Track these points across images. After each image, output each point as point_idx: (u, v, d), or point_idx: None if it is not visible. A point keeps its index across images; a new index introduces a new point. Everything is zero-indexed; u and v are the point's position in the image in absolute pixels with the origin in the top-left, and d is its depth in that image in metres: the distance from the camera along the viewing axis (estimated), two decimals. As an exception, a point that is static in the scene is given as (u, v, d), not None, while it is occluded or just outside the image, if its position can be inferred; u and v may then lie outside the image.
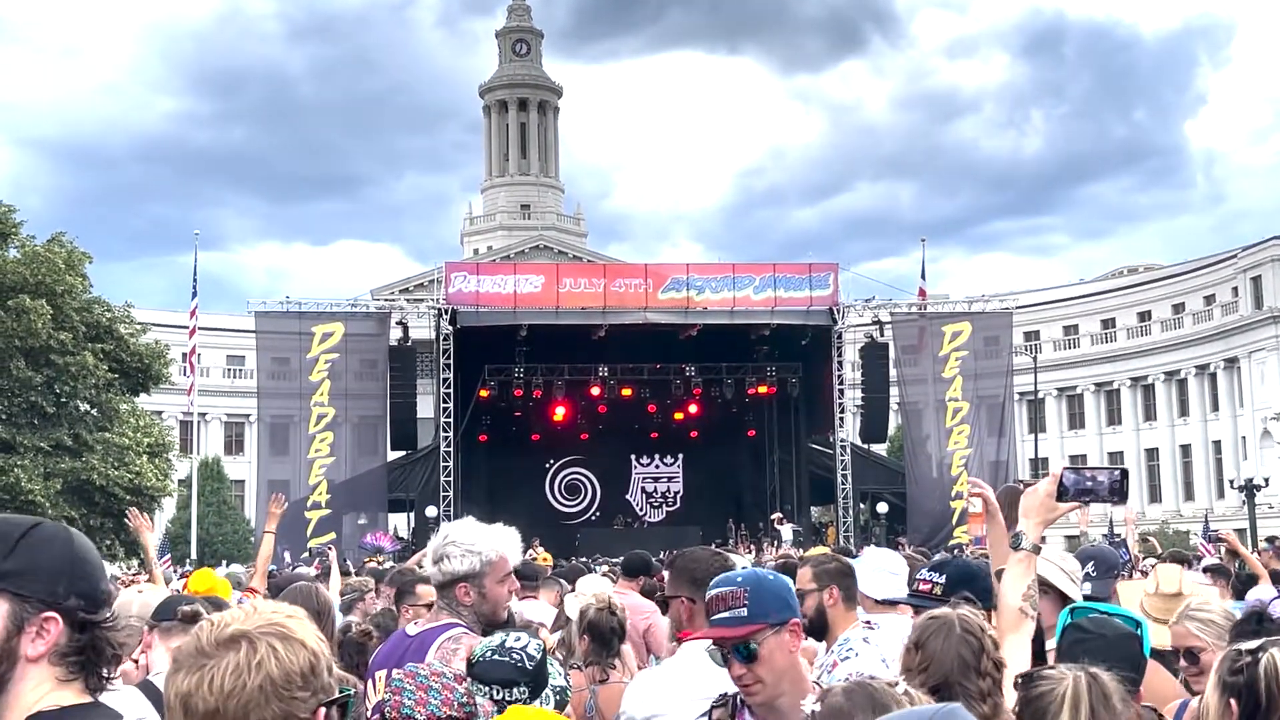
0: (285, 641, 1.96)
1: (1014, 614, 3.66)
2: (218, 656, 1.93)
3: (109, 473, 37.25)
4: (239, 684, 1.90)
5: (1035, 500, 3.73)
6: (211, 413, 72.06)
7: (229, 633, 1.96)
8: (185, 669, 1.93)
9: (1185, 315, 74.11)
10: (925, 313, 46.82)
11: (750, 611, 3.32)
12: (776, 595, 3.39)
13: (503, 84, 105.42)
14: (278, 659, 1.93)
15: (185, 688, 1.91)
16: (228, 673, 1.90)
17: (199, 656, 1.93)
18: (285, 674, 1.92)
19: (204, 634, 1.97)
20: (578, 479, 50.23)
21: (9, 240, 38.62)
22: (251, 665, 1.91)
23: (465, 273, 44.87)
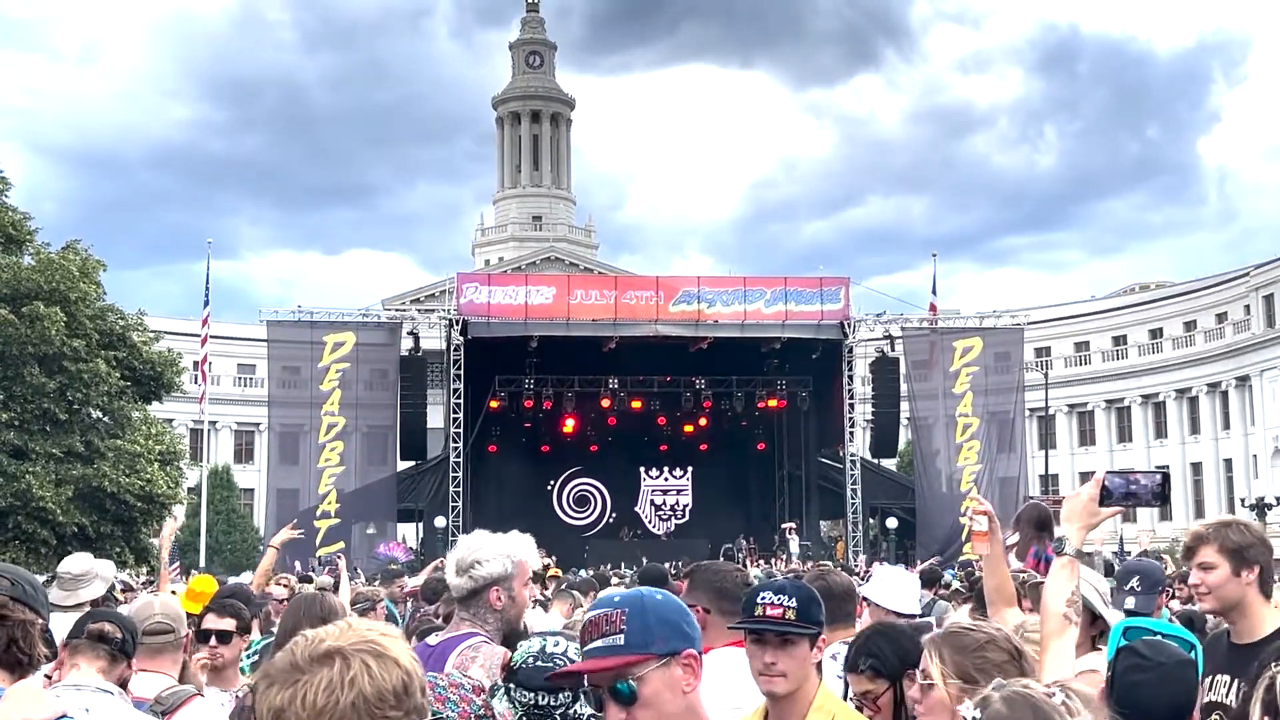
0: (379, 659, 1.93)
1: (1058, 620, 3.68)
2: (311, 672, 1.90)
3: (120, 480, 37.27)
4: (332, 700, 1.87)
5: (1078, 505, 3.78)
6: (222, 421, 72.20)
7: (323, 649, 1.93)
8: (279, 684, 1.91)
9: (1197, 333, 73.94)
10: (936, 328, 46.82)
11: (628, 640, 2.69)
12: (664, 620, 2.74)
13: (516, 96, 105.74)
14: (371, 676, 1.91)
15: (279, 702, 1.88)
16: (320, 689, 1.88)
17: (293, 671, 1.91)
18: (378, 692, 1.90)
19: (298, 649, 1.95)
20: (587, 490, 50.25)
21: (24, 247, 38.73)
22: (345, 682, 1.89)
23: (477, 283, 44.99)
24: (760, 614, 3.75)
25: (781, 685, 3.68)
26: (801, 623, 3.70)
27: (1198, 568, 4.59)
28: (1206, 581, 4.55)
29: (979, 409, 45.06)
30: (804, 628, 3.71)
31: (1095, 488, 3.74)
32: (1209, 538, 4.60)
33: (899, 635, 4.21)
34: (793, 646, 3.70)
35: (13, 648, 3.30)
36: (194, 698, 4.60)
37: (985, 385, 45.58)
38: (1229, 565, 4.49)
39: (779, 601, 3.74)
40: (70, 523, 36.29)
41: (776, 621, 3.72)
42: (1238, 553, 4.52)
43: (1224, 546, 4.53)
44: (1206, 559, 4.57)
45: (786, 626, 3.69)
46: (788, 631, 3.69)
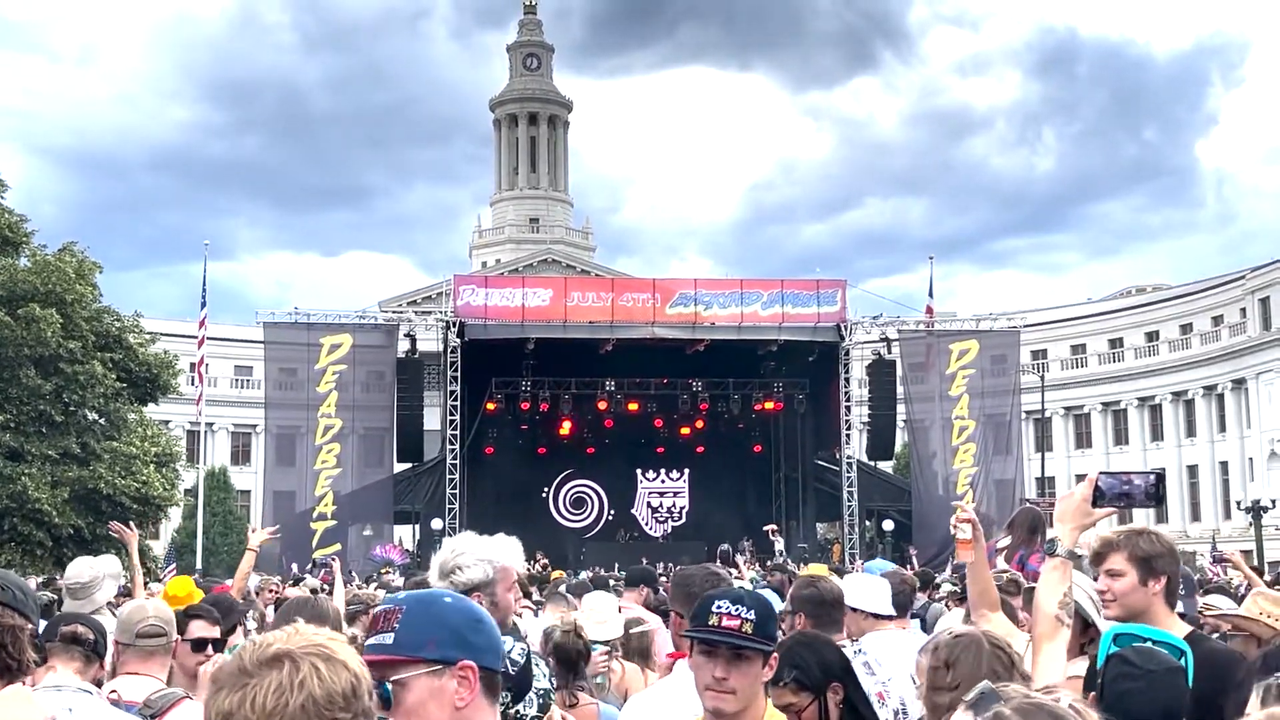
0: (328, 662, 1.93)
1: (1050, 622, 3.67)
2: (259, 675, 1.90)
3: (116, 482, 37.29)
4: (281, 702, 1.87)
5: (1071, 505, 3.77)
6: (218, 423, 72.14)
7: (271, 652, 1.94)
8: (227, 688, 1.91)
9: (1193, 336, 74.00)
10: (933, 330, 46.86)
11: (398, 640, 2.48)
12: (444, 624, 2.49)
13: (513, 98, 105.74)
14: (320, 679, 1.91)
15: (227, 706, 1.88)
16: (270, 691, 1.88)
17: (240, 675, 1.91)
18: (328, 694, 1.90)
19: (246, 653, 1.95)
20: (583, 492, 50.23)
21: (20, 249, 38.76)
22: (294, 684, 1.89)
23: (474, 285, 45.01)
24: (715, 624, 3.47)
25: (731, 704, 3.45)
26: (758, 638, 3.46)
27: (1105, 574, 4.52)
28: (1113, 589, 4.48)
29: (975, 411, 45.10)
30: (761, 643, 3.48)
31: (1088, 488, 3.73)
32: (1119, 545, 4.51)
33: (822, 646, 4.11)
34: (746, 663, 3.45)
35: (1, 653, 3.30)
36: (183, 700, 4.60)
37: (981, 388, 45.61)
38: (1136, 573, 4.43)
39: (736, 613, 3.47)
40: (66, 525, 36.30)
41: (732, 634, 3.45)
42: (1146, 561, 4.44)
43: (1133, 554, 4.46)
44: (1114, 566, 4.49)
45: (743, 640, 3.44)
46: (744, 646, 3.44)
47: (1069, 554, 3.74)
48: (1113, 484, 3.70)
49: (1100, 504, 3.73)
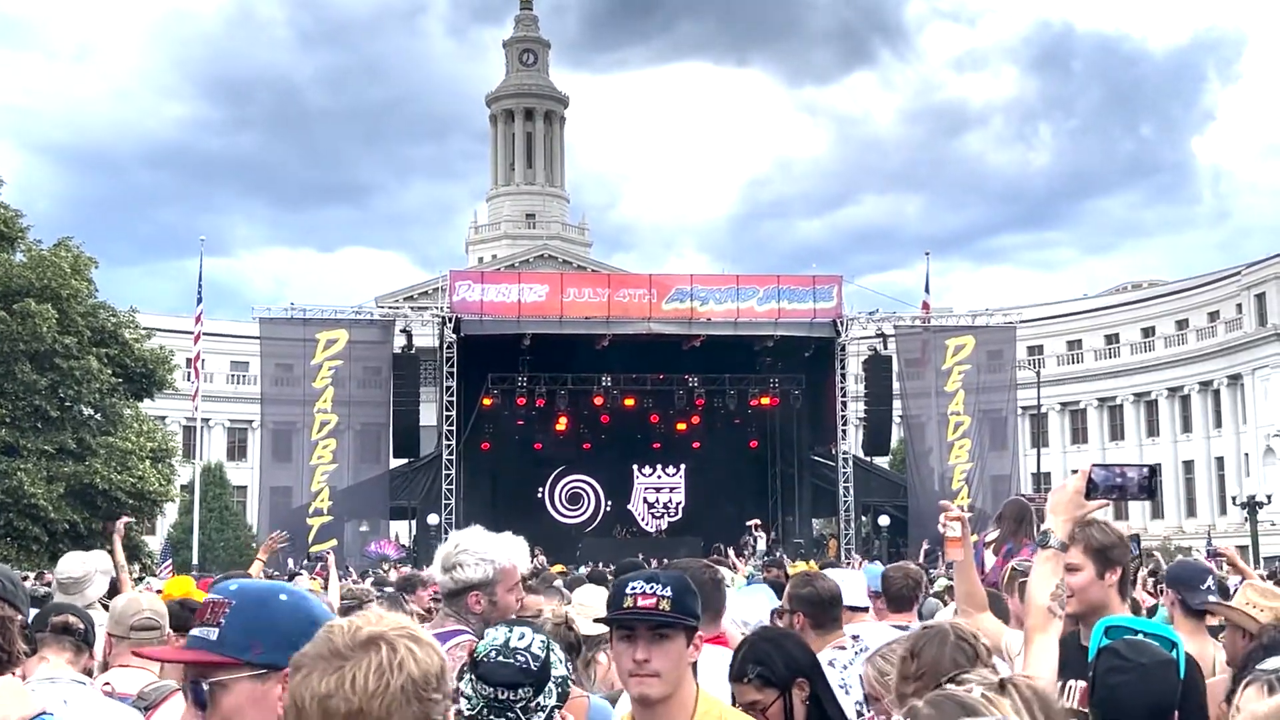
0: (419, 644, 1.93)
1: (1042, 613, 3.65)
2: (355, 657, 1.88)
3: (112, 477, 37.28)
4: (382, 683, 1.85)
5: (1064, 497, 3.73)
6: (215, 418, 72.09)
7: (365, 635, 1.91)
8: (320, 670, 1.88)
9: (1189, 331, 74.09)
10: (929, 326, 46.88)
11: (222, 637, 2.30)
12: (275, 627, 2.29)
13: (509, 93, 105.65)
14: (416, 660, 1.90)
15: (324, 689, 1.86)
16: (370, 672, 1.86)
17: (334, 658, 1.88)
18: (424, 675, 1.89)
19: (337, 637, 1.92)
20: (579, 488, 50.23)
21: (15, 245, 38.74)
22: (394, 665, 1.87)
23: (470, 281, 44.99)
24: (631, 605, 3.33)
25: (655, 687, 3.28)
26: (677, 614, 3.30)
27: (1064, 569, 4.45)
28: (1071, 584, 4.28)
29: (970, 407, 45.13)
30: (679, 619, 3.31)
31: (1082, 480, 3.69)
32: (1075, 538, 4.32)
33: (785, 641, 4.02)
34: (667, 642, 3.29)
35: None
36: (176, 693, 4.60)
37: (977, 383, 45.64)
38: (1094, 567, 4.31)
39: (651, 591, 3.32)
40: (62, 520, 36.29)
41: (649, 613, 3.30)
42: (1102, 553, 4.33)
43: (1089, 547, 4.33)
44: (1072, 560, 4.30)
45: (660, 617, 3.29)
46: (662, 622, 3.29)
47: (1061, 546, 3.73)
48: (1106, 476, 3.68)
49: (1094, 496, 3.70)
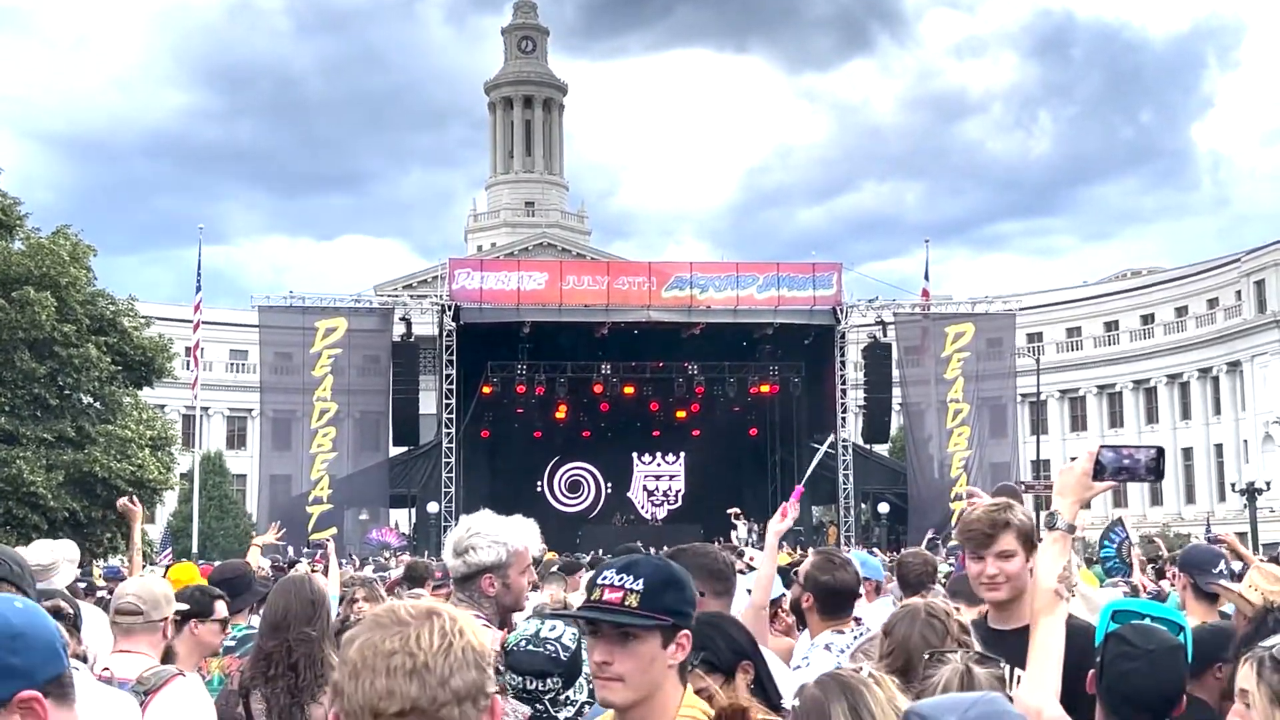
0: (470, 623, 1.98)
1: (1048, 595, 3.61)
2: (418, 622, 1.92)
3: (111, 465, 37.27)
4: (446, 643, 1.89)
5: (1071, 479, 3.66)
6: (214, 407, 72.02)
7: (425, 606, 1.98)
8: (384, 630, 1.92)
9: (1188, 318, 74.05)
10: (928, 313, 46.85)
11: None
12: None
13: (508, 81, 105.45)
14: (475, 631, 1.96)
15: (388, 647, 1.89)
16: (435, 633, 1.91)
17: (398, 624, 1.92)
18: (480, 647, 1.95)
19: (400, 608, 1.97)
20: (579, 476, 50.26)
21: (14, 233, 38.68)
22: (455, 630, 1.92)
23: (469, 269, 44.95)
24: (597, 598, 2.85)
25: (618, 693, 2.81)
26: (645, 611, 2.79)
27: (995, 557, 4.21)
28: (1006, 571, 4.18)
29: (970, 395, 45.13)
30: (648, 618, 2.79)
31: (1089, 461, 3.64)
32: (1011, 524, 4.23)
33: (728, 624, 3.84)
34: (635, 643, 2.79)
35: None
36: (175, 678, 4.59)
37: (977, 371, 45.63)
38: (1024, 553, 4.18)
39: (620, 583, 2.83)
40: (61, 508, 36.28)
41: (612, 609, 2.81)
42: (1029, 538, 4.22)
43: (1021, 532, 4.21)
44: (1006, 547, 4.20)
45: (624, 616, 2.79)
46: (625, 623, 2.80)
47: (1069, 528, 3.69)
48: (1114, 458, 3.63)
49: (1102, 478, 3.65)
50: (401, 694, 1.86)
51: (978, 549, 4.26)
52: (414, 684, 1.86)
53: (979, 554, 4.25)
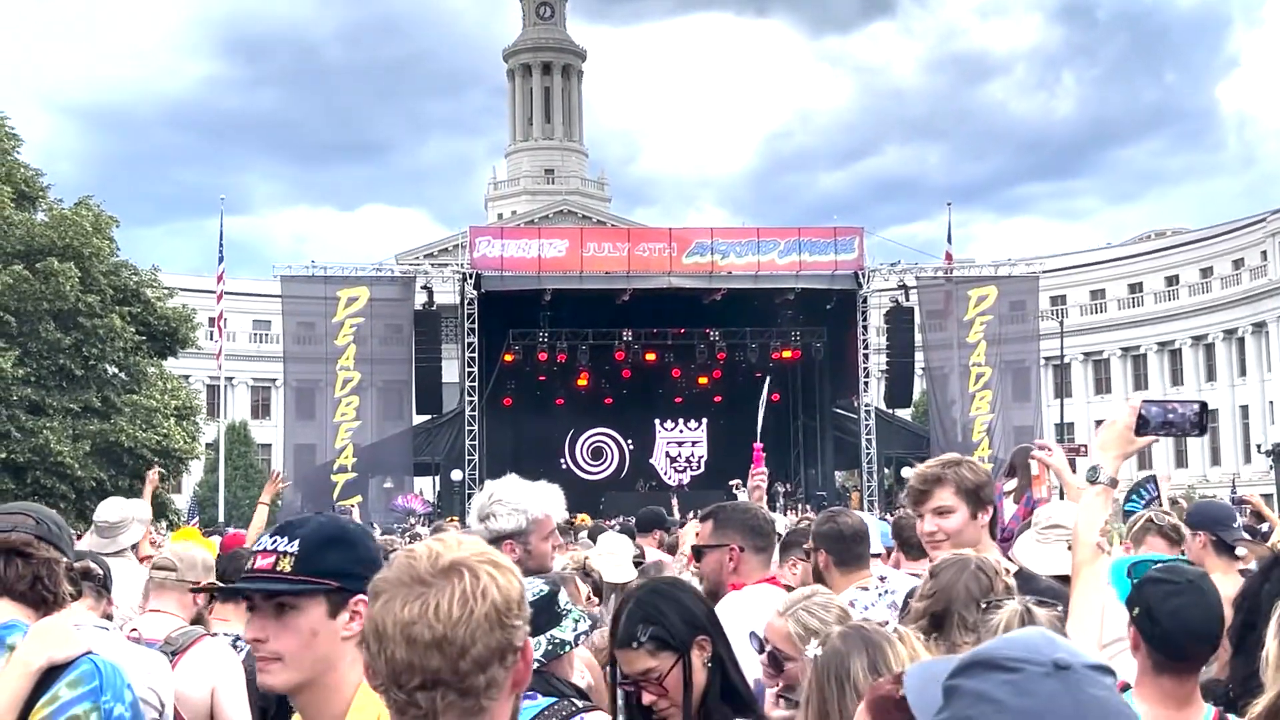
0: (500, 570, 1.91)
1: (1090, 548, 3.61)
2: (438, 584, 1.86)
3: (137, 435, 37.55)
4: (466, 611, 1.85)
5: (1114, 434, 3.65)
6: (238, 377, 72.49)
7: (446, 561, 1.89)
8: (401, 597, 1.86)
9: (1213, 279, 73.61)
10: (951, 277, 46.62)
11: None
12: None
13: (526, 47, 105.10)
14: (499, 587, 1.88)
15: (407, 616, 1.84)
16: (454, 600, 1.85)
17: (415, 585, 1.86)
18: (506, 601, 1.88)
19: (418, 563, 1.89)
20: (602, 443, 50.35)
21: (36, 204, 38.86)
22: (477, 593, 1.86)
23: (489, 237, 44.94)
24: (250, 567, 2.46)
25: (277, 675, 2.42)
26: (301, 576, 2.40)
27: (933, 513, 4.20)
28: (944, 528, 4.16)
29: (992, 358, 44.95)
30: (303, 583, 2.40)
31: (1132, 416, 3.63)
32: (945, 479, 4.20)
33: (679, 593, 3.47)
34: (293, 614, 2.40)
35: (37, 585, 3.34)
36: (203, 638, 4.65)
37: (1000, 334, 45.45)
38: (967, 508, 4.17)
39: (274, 546, 2.44)
40: (88, 477, 36.59)
41: (260, 576, 2.41)
42: (974, 494, 4.19)
43: (961, 488, 4.18)
44: (944, 502, 4.18)
45: (274, 583, 2.41)
46: (277, 591, 2.41)
47: (1111, 482, 3.69)
48: (1157, 413, 3.61)
49: (1145, 433, 3.64)
50: (422, 666, 1.84)
51: (915, 505, 4.29)
52: (435, 656, 1.84)
53: (918, 510, 4.27)
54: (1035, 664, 1.44)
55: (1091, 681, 1.44)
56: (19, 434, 35.62)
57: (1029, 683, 1.42)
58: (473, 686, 1.85)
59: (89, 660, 2.98)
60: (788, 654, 3.51)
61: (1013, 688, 1.42)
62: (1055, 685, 1.42)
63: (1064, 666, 1.44)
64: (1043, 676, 1.43)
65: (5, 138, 37.85)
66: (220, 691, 4.52)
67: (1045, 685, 1.42)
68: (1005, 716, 1.40)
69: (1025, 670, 1.43)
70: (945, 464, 4.26)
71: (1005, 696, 1.41)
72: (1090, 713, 1.41)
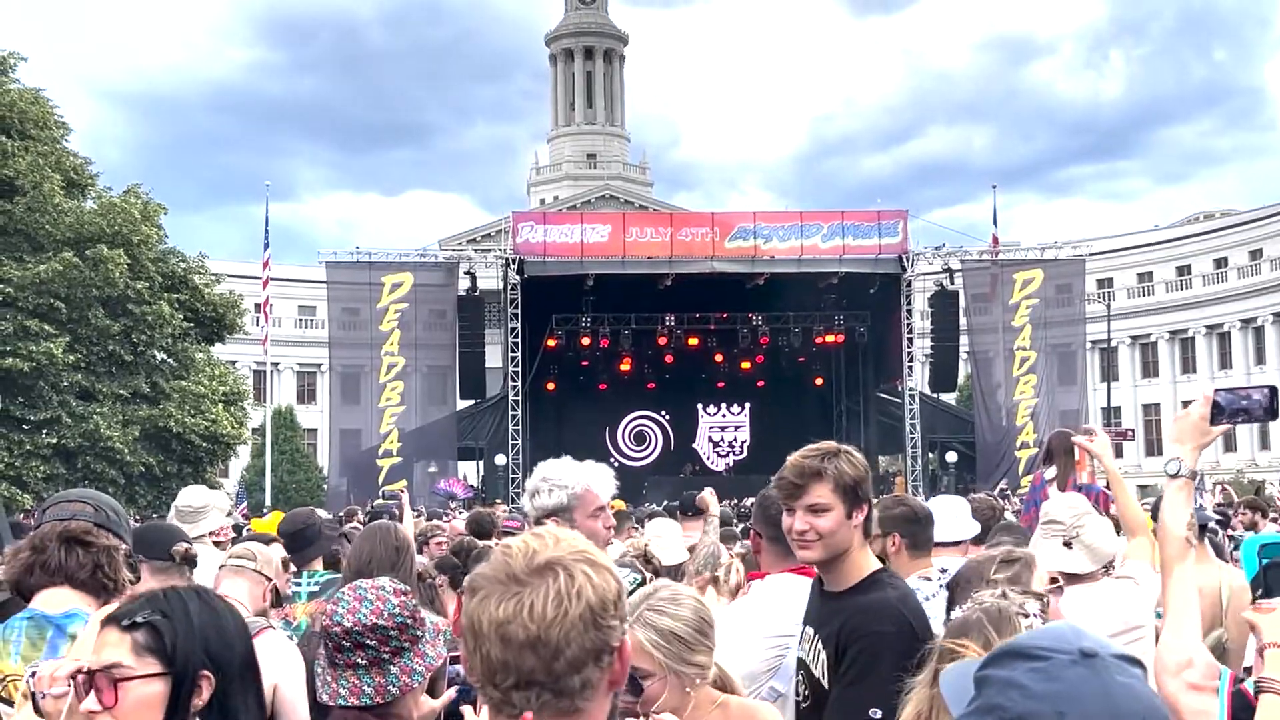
0: (596, 569, 1.90)
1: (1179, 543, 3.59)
2: (533, 584, 1.85)
3: (185, 420, 37.97)
4: (560, 611, 1.83)
5: (1189, 425, 3.62)
6: (284, 362, 73.06)
7: (542, 559, 1.88)
8: (497, 596, 1.86)
9: (1263, 261, 72.65)
10: (997, 260, 46.29)
11: None
12: None
13: (568, 32, 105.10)
14: (594, 586, 1.87)
15: (501, 615, 1.83)
16: (549, 600, 1.84)
17: (512, 584, 1.86)
18: (601, 601, 1.86)
19: (515, 560, 1.89)
20: (645, 428, 50.40)
21: (86, 191, 39.30)
22: (571, 593, 1.85)
23: (532, 222, 45.01)
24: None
25: None
26: None
27: (806, 510, 3.77)
28: (817, 527, 3.74)
29: (1038, 342, 44.63)
30: None
31: (1205, 406, 3.62)
32: (823, 473, 3.76)
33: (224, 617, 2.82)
34: None
35: (98, 573, 3.39)
36: (266, 630, 4.71)
37: (1045, 317, 45.09)
38: (843, 506, 3.76)
39: None
40: (138, 462, 37.04)
41: None
42: (852, 490, 3.77)
43: (839, 484, 3.75)
44: (820, 499, 3.75)
45: None
46: None
47: (1191, 474, 3.66)
48: (1231, 400, 3.60)
49: (1219, 421, 3.62)
50: (517, 667, 1.83)
51: (787, 500, 3.86)
52: (529, 657, 1.83)
53: (789, 506, 3.84)
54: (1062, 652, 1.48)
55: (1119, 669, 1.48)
56: (70, 419, 36.10)
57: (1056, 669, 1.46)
58: (567, 687, 1.85)
59: None
60: (645, 670, 3.15)
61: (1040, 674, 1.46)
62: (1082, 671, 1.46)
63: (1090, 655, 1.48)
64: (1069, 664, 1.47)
65: (54, 126, 38.29)
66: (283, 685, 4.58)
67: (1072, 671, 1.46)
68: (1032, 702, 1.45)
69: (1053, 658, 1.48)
70: (824, 455, 3.80)
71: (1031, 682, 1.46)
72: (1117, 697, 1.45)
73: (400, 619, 3.27)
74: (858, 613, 3.65)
